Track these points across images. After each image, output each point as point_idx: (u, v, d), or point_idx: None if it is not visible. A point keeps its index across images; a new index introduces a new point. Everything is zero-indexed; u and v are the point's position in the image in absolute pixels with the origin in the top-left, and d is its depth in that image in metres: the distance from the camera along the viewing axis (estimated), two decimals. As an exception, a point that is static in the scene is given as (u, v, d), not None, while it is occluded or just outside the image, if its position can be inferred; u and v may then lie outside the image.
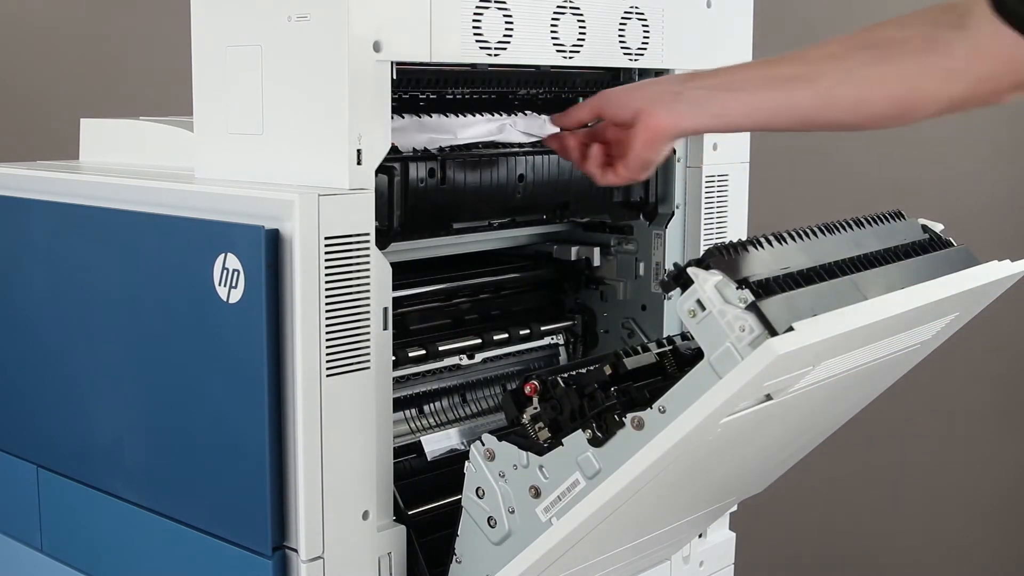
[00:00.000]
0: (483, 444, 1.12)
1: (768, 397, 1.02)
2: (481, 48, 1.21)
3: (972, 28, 1.00)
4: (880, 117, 1.06)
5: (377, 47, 1.11)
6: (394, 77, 1.14)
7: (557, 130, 1.29)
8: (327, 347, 1.09)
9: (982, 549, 2.73)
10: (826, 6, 2.57)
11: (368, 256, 1.12)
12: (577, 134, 1.27)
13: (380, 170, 1.14)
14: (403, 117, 1.24)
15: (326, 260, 1.08)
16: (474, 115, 1.30)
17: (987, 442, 2.70)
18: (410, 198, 1.20)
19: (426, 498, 1.26)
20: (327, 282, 1.09)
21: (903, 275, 1.09)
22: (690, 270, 0.95)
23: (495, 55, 1.22)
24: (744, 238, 1.02)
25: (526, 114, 1.34)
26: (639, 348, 1.14)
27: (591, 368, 1.10)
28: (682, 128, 1.14)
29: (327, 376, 1.10)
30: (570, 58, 1.29)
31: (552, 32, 1.27)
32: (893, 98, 1.04)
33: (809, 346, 0.92)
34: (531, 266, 1.56)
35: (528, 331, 1.48)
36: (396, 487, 1.21)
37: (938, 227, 1.20)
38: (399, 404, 1.36)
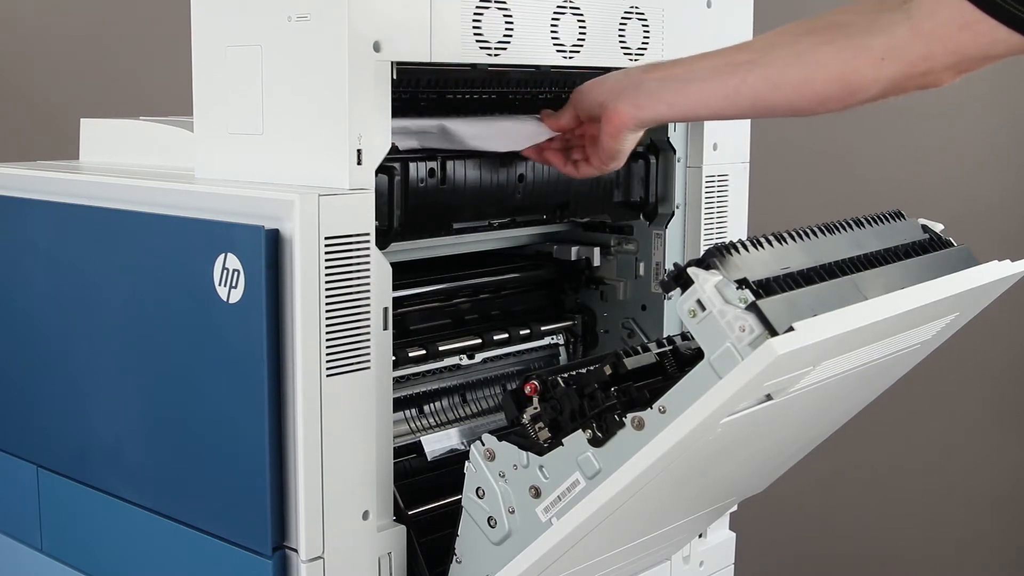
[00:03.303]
0: (483, 444, 1.12)
1: (768, 397, 1.02)
2: (481, 48, 1.21)
3: (912, 9, 1.03)
4: (824, 98, 1.09)
5: (377, 47, 1.11)
6: (394, 77, 1.14)
7: (531, 144, 1.30)
8: (327, 347, 1.09)
9: (982, 548, 2.73)
10: (825, 6, 2.57)
11: (368, 256, 1.12)
12: (551, 143, 1.30)
13: (380, 170, 1.14)
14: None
15: (326, 260, 1.08)
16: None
17: (987, 442, 2.70)
18: (410, 198, 1.20)
19: (426, 498, 1.26)
20: (327, 282, 1.09)
21: (903, 275, 1.09)
22: (690, 270, 0.95)
23: (495, 55, 1.22)
24: (744, 238, 1.02)
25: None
26: (639, 348, 1.14)
27: (591, 368, 1.10)
28: (641, 119, 1.18)
29: (327, 376, 1.10)
30: (570, 58, 1.29)
31: (552, 32, 1.27)
32: (834, 79, 1.07)
33: (809, 346, 0.92)
34: (531, 266, 1.56)
35: (528, 331, 1.48)
36: (396, 487, 1.21)
37: (938, 227, 1.20)
38: (399, 404, 1.36)
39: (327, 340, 1.09)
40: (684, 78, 1.15)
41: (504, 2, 1.22)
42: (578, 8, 1.29)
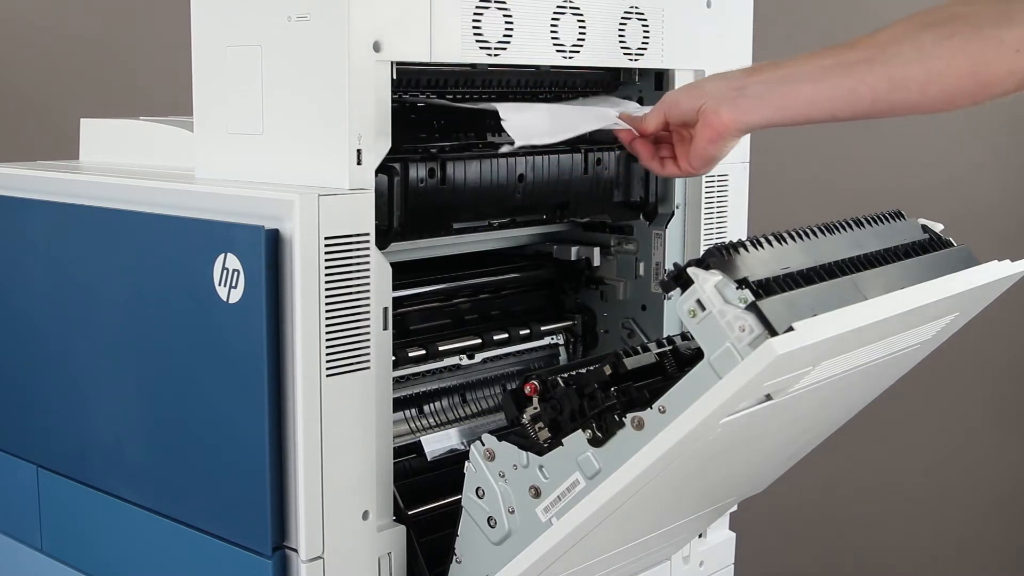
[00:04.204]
0: (483, 444, 1.12)
1: (768, 397, 1.02)
2: (481, 48, 1.21)
3: None
4: (952, 95, 1.03)
5: (377, 47, 1.11)
6: (394, 77, 1.14)
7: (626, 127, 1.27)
8: (327, 347, 1.09)
9: (982, 548, 2.73)
10: (826, 6, 2.57)
11: (368, 256, 1.12)
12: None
13: (380, 170, 1.15)
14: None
15: (326, 260, 1.08)
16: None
17: (987, 442, 2.70)
18: (410, 198, 1.20)
19: (426, 498, 1.26)
20: (327, 282, 1.09)
21: (903, 275, 1.09)
22: (690, 270, 0.95)
23: (495, 55, 1.22)
24: (744, 238, 1.02)
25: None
26: (639, 348, 1.14)
27: (591, 368, 1.10)
28: (745, 124, 1.13)
29: (327, 376, 1.10)
30: (570, 58, 1.29)
31: (552, 32, 1.27)
32: (965, 74, 1.01)
33: (809, 346, 0.92)
34: (531, 266, 1.56)
35: (528, 331, 1.48)
36: (396, 487, 1.21)
37: (938, 227, 1.20)
38: (399, 404, 1.36)
39: (327, 340, 1.09)
40: (793, 80, 1.10)
41: (504, 2, 1.22)
42: (578, 8, 1.29)
